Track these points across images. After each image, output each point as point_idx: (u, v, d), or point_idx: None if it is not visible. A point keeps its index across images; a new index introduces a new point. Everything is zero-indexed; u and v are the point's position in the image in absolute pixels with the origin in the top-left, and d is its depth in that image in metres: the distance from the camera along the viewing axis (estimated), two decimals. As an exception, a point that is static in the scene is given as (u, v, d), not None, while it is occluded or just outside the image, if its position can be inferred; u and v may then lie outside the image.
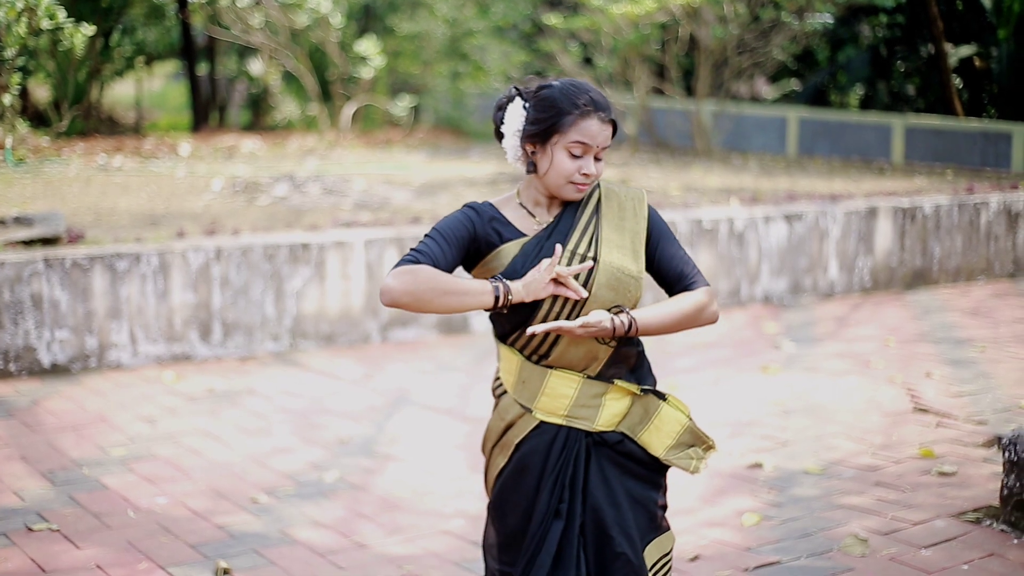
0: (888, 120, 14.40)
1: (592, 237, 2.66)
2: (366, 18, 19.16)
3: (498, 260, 2.66)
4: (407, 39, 17.90)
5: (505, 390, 2.76)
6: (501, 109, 2.72)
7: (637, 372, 2.75)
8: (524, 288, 2.57)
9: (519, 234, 2.67)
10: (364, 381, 6.59)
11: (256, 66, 18.87)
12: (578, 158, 2.62)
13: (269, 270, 7.15)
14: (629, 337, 2.65)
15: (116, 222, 8.19)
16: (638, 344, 2.76)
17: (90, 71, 17.15)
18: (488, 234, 2.66)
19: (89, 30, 7.25)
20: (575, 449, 2.69)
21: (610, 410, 2.70)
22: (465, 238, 2.64)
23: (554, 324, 2.56)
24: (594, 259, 2.63)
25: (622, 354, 2.70)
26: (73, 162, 12.27)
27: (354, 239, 7.42)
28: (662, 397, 2.73)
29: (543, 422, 2.70)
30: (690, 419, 2.74)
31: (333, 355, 7.16)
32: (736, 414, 5.88)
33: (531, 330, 2.57)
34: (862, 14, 17.81)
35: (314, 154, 13.69)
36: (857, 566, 3.99)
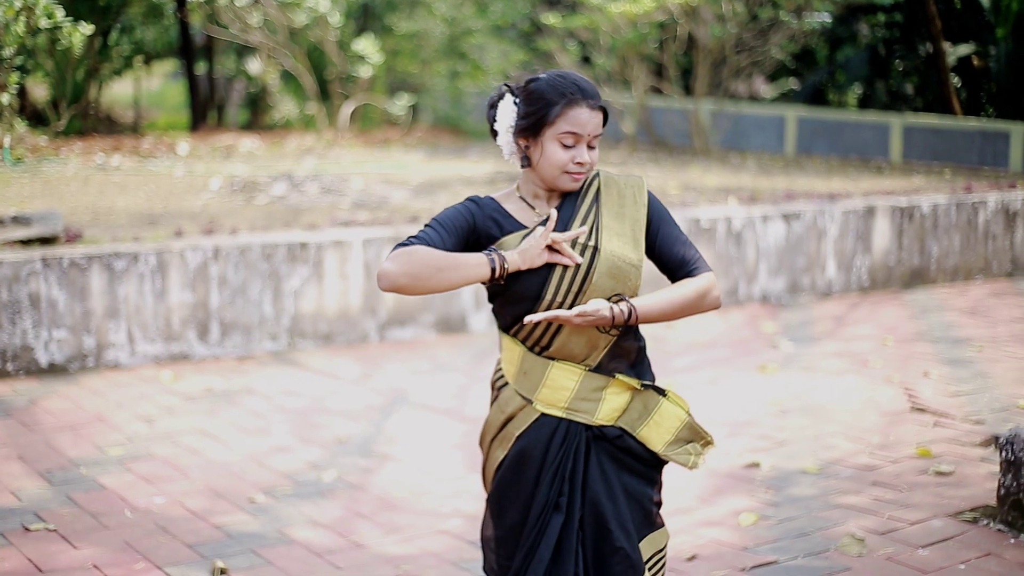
0: (886, 119, 14.41)
1: (592, 226, 2.66)
2: (364, 17, 19.14)
3: None
4: (405, 38, 17.89)
5: (506, 381, 2.76)
6: (493, 107, 2.73)
7: (638, 367, 2.75)
8: (520, 256, 2.58)
9: (520, 226, 2.68)
10: (362, 380, 6.59)
11: (254, 65, 18.85)
12: (570, 148, 2.62)
13: (267, 269, 7.15)
14: (629, 325, 2.65)
15: (114, 221, 8.19)
16: (639, 339, 2.76)
17: (88, 70, 17.13)
18: (488, 227, 2.67)
19: (87, 29, 7.25)
20: (575, 442, 2.69)
21: (610, 404, 2.70)
22: (465, 228, 2.64)
23: (552, 313, 2.56)
24: (595, 248, 2.64)
25: (623, 348, 2.71)
26: (71, 161, 12.26)
27: (352, 238, 7.42)
28: (662, 393, 2.73)
29: (543, 415, 2.70)
30: (689, 415, 2.74)
31: (331, 354, 7.16)
32: (734, 414, 5.88)
33: (529, 318, 2.57)
34: (860, 13, 17.83)
35: (312, 153, 13.69)
36: (854, 566, 3.99)
